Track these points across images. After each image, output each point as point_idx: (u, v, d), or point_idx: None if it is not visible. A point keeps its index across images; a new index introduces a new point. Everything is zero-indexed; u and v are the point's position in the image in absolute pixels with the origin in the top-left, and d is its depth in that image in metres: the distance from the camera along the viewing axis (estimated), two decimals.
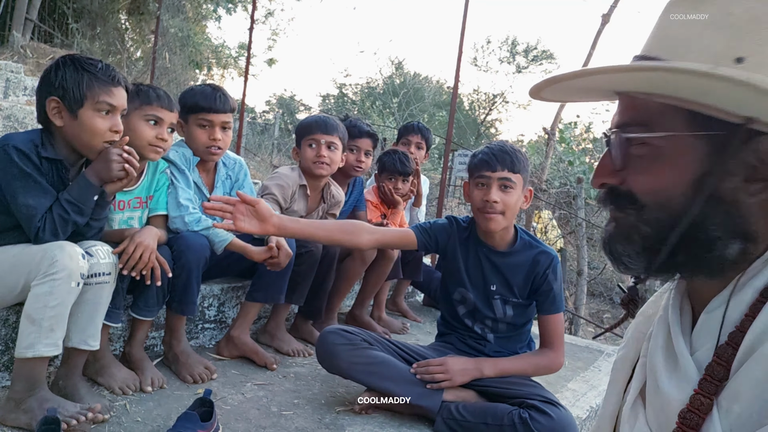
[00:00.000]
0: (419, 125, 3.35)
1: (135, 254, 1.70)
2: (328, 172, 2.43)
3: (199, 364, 1.96)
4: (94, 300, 1.62)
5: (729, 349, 0.63)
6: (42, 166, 1.57)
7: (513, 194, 1.86)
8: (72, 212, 1.56)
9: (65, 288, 1.47)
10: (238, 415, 1.74)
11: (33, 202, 1.53)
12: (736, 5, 0.62)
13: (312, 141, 2.39)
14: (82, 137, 1.61)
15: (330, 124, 2.42)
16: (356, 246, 1.92)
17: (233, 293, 2.34)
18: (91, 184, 1.61)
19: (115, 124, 1.64)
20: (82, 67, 1.60)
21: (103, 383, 1.75)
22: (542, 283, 1.93)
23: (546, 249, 1.98)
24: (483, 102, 16.84)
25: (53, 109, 1.59)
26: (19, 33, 7.62)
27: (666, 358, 0.71)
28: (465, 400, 1.85)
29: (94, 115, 1.60)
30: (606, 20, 5.80)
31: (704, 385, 0.64)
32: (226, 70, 13.03)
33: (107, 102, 1.61)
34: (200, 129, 2.10)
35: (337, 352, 1.85)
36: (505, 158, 1.85)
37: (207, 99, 2.10)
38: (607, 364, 2.86)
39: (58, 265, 1.46)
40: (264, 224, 1.67)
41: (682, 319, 0.73)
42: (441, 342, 2.11)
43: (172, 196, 1.99)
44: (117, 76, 1.64)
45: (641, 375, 0.77)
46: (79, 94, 1.58)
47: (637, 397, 0.77)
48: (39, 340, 1.46)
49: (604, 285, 7.52)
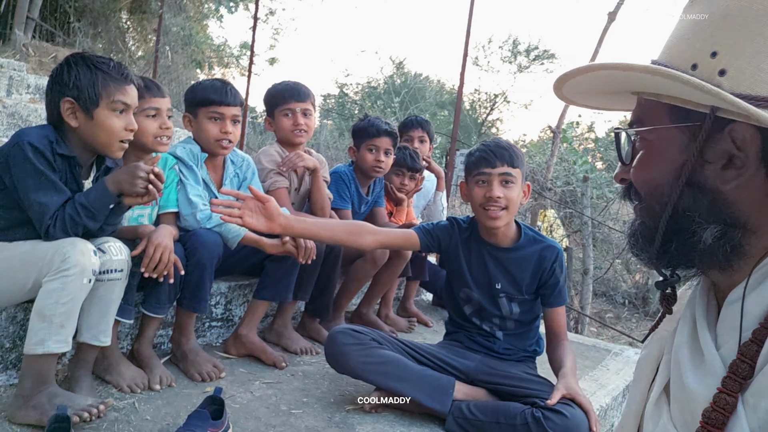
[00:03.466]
0: (418, 119, 3.29)
1: (155, 256, 1.69)
2: (307, 138, 2.47)
3: (207, 362, 1.94)
4: (107, 296, 1.61)
5: (753, 347, 0.62)
6: (56, 163, 1.55)
7: (514, 189, 1.87)
8: (84, 216, 1.54)
9: (77, 284, 1.46)
10: (247, 414, 1.73)
11: (45, 200, 1.51)
12: (716, 4, 0.68)
13: (287, 110, 2.41)
14: (99, 137, 1.60)
15: (302, 90, 2.43)
16: (359, 247, 1.94)
17: (240, 291, 2.33)
18: (109, 192, 1.58)
19: (130, 123, 1.62)
20: (95, 66, 1.58)
21: (111, 381, 1.74)
22: (549, 278, 1.94)
23: (550, 242, 1.98)
24: (484, 101, 16.82)
25: (68, 110, 1.57)
26: (21, 31, 7.60)
27: (691, 353, 0.71)
28: (476, 398, 1.83)
29: (110, 114, 1.59)
30: (612, 18, 5.78)
31: (728, 383, 0.63)
32: (227, 69, 13.03)
33: (122, 101, 1.60)
34: (211, 122, 2.09)
35: (346, 352, 1.84)
36: (504, 153, 1.86)
37: (218, 92, 2.09)
38: (614, 363, 2.84)
39: (70, 261, 1.45)
40: (271, 223, 1.70)
41: (707, 313, 0.73)
42: (450, 340, 2.10)
43: (182, 193, 1.98)
44: (129, 74, 1.63)
45: (665, 372, 0.77)
46: (95, 94, 1.56)
47: (661, 393, 0.76)
48: (49, 336, 1.45)
49: (607, 284, 7.50)
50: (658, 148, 0.72)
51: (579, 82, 0.76)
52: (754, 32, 0.65)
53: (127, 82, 1.62)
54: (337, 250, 2.37)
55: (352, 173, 2.73)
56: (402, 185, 2.90)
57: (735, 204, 0.67)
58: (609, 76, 0.73)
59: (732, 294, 0.68)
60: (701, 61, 0.67)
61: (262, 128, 14.36)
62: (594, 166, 10.19)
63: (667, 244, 0.72)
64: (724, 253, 0.68)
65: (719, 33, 0.67)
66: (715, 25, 0.67)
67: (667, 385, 0.75)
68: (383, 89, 16.13)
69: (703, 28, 0.68)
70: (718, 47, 0.66)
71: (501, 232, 1.94)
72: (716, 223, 0.68)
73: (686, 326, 0.74)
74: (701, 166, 0.68)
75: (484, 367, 1.93)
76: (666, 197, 0.71)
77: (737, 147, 0.65)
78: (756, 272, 0.66)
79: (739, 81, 0.64)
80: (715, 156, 0.67)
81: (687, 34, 0.70)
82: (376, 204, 2.85)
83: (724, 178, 0.67)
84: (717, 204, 0.68)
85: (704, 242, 0.68)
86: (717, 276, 0.73)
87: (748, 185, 0.66)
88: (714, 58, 0.66)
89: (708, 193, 0.68)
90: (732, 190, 0.67)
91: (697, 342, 0.71)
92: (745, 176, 0.66)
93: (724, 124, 0.65)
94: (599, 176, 8.64)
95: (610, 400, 2.33)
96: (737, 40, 0.65)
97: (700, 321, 0.72)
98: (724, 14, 0.67)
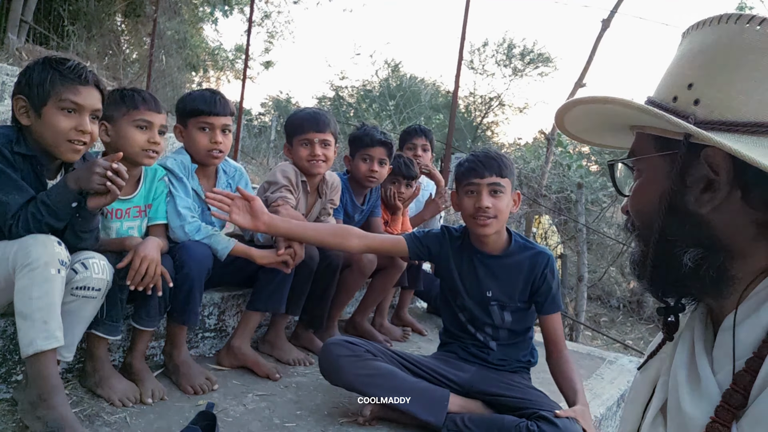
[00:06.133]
0: (422, 128, 3.31)
1: (141, 269, 1.67)
2: (325, 169, 2.42)
3: (200, 374, 1.93)
4: (77, 312, 1.58)
5: (747, 376, 0.63)
6: (16, 162, 1.53)
7: (503, 198, 1.88)
8: (46, 214, 1.50)
9: (45, 277, 1.42)
10: (240, 427, 1.72)
11: (6, 198, 1.49)
12: (696, 38, 0.73)
13: (305, 140, 2.36)
14: (46, 136, 1.56)
15: (321, 120, 2.38)
16: (346, 249, 2.04)
17: (233, 302, 2.31)
18: (68, 189, 1.53)
19: (81, 124, 1.57)
20: (51, 66, 1.56)
21: (102, 395, 1.71)
22: (542, 284, 1.95)
23: (541, 249, 1.99)
24: (479, 105, 16.83)
25: (21, 108, 1.56)
26: (14, 35, 7.55)
27: (689, 376, 0.71)
28: (471, 410, 1.82)
29: (56, 113, 1.55)
30: (606, 25, 5.80)
31: (720, 412, 0.64)
32: (222, 73, 13.01)
33: (71, 100, 1.56)
34: (201, 132, 2.07)
35: (341, 364, 1.83)
36: (492, 164, 1.87)
37: (207, 102, 2.08)
38: (609, 371, 2.84)
39: (32, 255, 1.42)
40: (255, 220, 1.88)
41: (705, 337, 0.74)
42: (444, 351, 2.09)
43: (171, 205, 1.97)
44: (86, 75, 1.59)
45: (662, 392, 0.77)
46: (43, 92, 1.54)
47: (657, 414, 0.76)
48: (36, 334, 1.42)
49: (602, 289, 7.52)
50: (648, 177, 0.76)
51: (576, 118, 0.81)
52: (723, 63, 0.69)
53: (82, 82, 1.58)
54: (335, 263, 2.35)
55: (346, 182, 2.72)
56: (399, 193, 2.89)
57: (714, 227, 0.69)
58: (597, 111, 0.77)
59: (725, 321, 0.69)
60: (680, 93, 0.72)
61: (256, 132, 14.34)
62: (588, 169, 10.22)
63: (657, 269, 0.75)
64: (711, 278, 0.70)
65: (695, 66, 0.72)
66: (692, 60, 0.73)
67: (663, 406, 0.75)
68: (378, 92, 16.12)
69: (683, 63, 0.74)
70: (693, 79, 0.71)
71: (492, 239, 1.95)
72: (696, 246, 0.70)
73: (685, 348, 0.75)
74: (682, 192, 0.71)
75: (479, 379, 1.93)
76: (654, 223, 0.73)
77: (714, 171, 0.68)
78: (749, 299, 0.67)
79: (711, 109, 0.69)
80: (694, 181, 0.70)
81: (672, 69, 0.76)
82: (372, 214, 2.84)
83: (701, 201, 0.70)
84: (697, 228, 0.70)
85: (685, 266, 0.70)
86: (711, 302, 0.74)
87: (724, 208, 0.68)
88: (690, 89, 0.71)
89: (689, 218, 0.71)
90: (709, 213, 0.69)
91: (695, 365, 0.71)
92: (719, 198, 0.68)
93: (699, 150, 0.69)
94: (593, 180, 8.66)
95: (604, 410, 2.32)
96: (709, 71, 0.70)
97: (698, 345, 0.73)
98: (700, 49, 0.72)
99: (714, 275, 0.69)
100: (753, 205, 0.67)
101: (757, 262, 0.68)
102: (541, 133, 9.98)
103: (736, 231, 0.69)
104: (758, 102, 0.67)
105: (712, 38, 0.71)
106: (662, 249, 0.73)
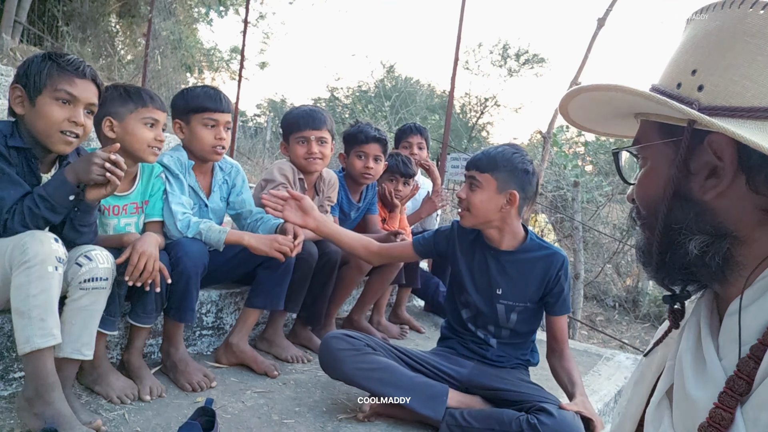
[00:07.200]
0: (417, 126, 3.32)
1: (139, 264, 1.67)
2: (322, 166, 2.42)
3: (198, 372, 1.92)
4: (90, 306, 1.57)
5: (751, 363, 0.63)
6: (10, 156, 1.52)
7: (479, 193, 1.87)
8: (43, 207, 1.49)
9: (42, 274, 1.42)
10: (239, 424, 1.71)
11: (2, 193, 1.48)
12: (699, 24, 0.73)
13: (301, 138, 2.37)
14: (38, 125, 1.56)
15: (318, 118, 2.38)
16: (367, 259, 2.14)
17: (231, 299, 2.31)
18: (66, 181, 1.52)
19: (74, 115, 1.57)
20: (50, 58, 1.56)
21: (100, 392, 1.71)
22: (555, 285, 1.94)
23: (556, 249, 1.99)
24: (475, 105, 16.85)
25: (16, 98, 1.56)
26: (8, 36, 7.52)
27: (695, 361, 0.72)
28: (470, 406, 1.82)
29: (51, 102, 1.55)
30: (601, 24, 5.80)
31: (724, 398, 0.64)
32: (217, 73, 12.98)
33: (66, 90, 1.55)
34: (206, 129, 2.07)
35: (341, 358, 1.83)
36: (475, 159, 1.91)
37: (212, 99, 2.08)
38: (606, 368, 2.85)
39: (29, 253, 1.41)
40: (306, 216, 1.99)
41: (711, 322, 0.74)
42: (443, 347, 2.09)
43: (166, 202, 1.97)
44: (84, 69, 1.59)
45: (669, 376, 0.77)
46: (40, 81, 1.54)
47: (663, 397, 0.77)
48: (33, 332, 1.41)
49: (598, 288, 7.54)
50: (653, 165, 0.76)
51: (580, 106, 0.81)
52: (726, 48, 0.69)
53: (79, 74, 1.58)
54: (334, 260, 2.35)
55: (341, 180, 2.72)
56: (397, 191, 2.89)
57: (719, 213, 0.69)
58: (601, 99, 0.77)
59: (731, 306, 0.69)
60: (684, 80, 0.72)
61: (251, 132, 14.32)
62: (584, 169, 10.23)
63: (663, 256, 0.74)
64: (716, 264, 0.70)
65: (698, 52, 0.72)
66: (696, 45, 0.72)
67: (669, 390, 0.76)
68: (374, 93, 16.12)
69: (687, 49, 0.74)
70: (697, 65, 0.71)
71: (504, 235, 1.93)
72: (702, 233, 0.70)
73: (691, 333, 0.75)
74: (687, 178, 0.71)
75: (477, 374, 1.93)
76: (659, 211, 0.73)
77: (718, 157, 0.68)
78: (755, 284, 0.67)
79: (714, 94, 0.68)
80: (698, 167, 0.70)
81: (676, 56, 0.75)
82: (369, 211, 2.83)
83: (705, 187, 0.69)
84: (702, 215, 0.70)
85: (691, 253, 0.70)
86: (717, 288, 0.74)
87: (729, 194, 0.68)
88: (694, 76, 0.71)
89: (694, 205, 0.70)
90: (713, 199, 0.69)
91: (701, 350, 0.71)
92: (723, 184, 0.68)
93: (703, 136, 0.68)
94: (589, 180, 8.68)
95: (602, 406, 2.33)
96: (712, 57, 0.70)
97: (704, 329, 0.73)
98: (703, 34, 0.72)
99: (719, 262, 0.69)
100: (757, 190, 0.67)
101: (762, 248, 0.68)
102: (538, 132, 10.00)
103: (740, 217, 0.69)
104: (762, 87, 0.66)
105: (716, 24, 0.71)
106: (668, 236, 0.73)
